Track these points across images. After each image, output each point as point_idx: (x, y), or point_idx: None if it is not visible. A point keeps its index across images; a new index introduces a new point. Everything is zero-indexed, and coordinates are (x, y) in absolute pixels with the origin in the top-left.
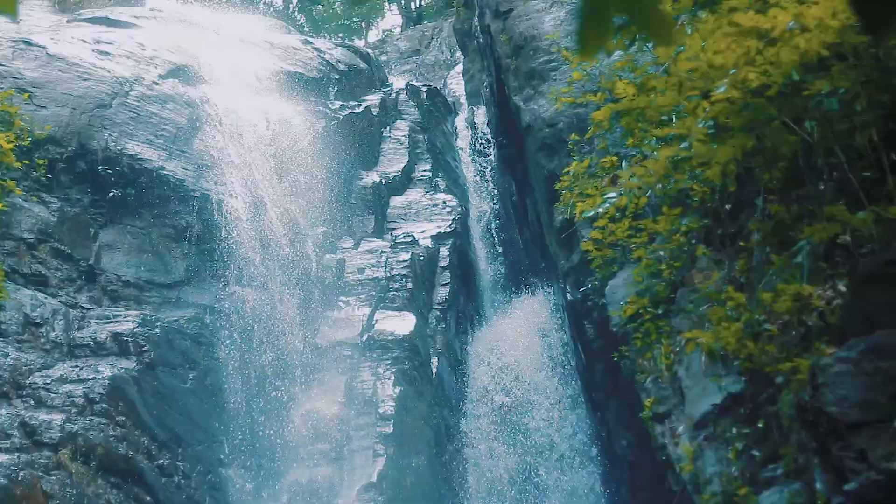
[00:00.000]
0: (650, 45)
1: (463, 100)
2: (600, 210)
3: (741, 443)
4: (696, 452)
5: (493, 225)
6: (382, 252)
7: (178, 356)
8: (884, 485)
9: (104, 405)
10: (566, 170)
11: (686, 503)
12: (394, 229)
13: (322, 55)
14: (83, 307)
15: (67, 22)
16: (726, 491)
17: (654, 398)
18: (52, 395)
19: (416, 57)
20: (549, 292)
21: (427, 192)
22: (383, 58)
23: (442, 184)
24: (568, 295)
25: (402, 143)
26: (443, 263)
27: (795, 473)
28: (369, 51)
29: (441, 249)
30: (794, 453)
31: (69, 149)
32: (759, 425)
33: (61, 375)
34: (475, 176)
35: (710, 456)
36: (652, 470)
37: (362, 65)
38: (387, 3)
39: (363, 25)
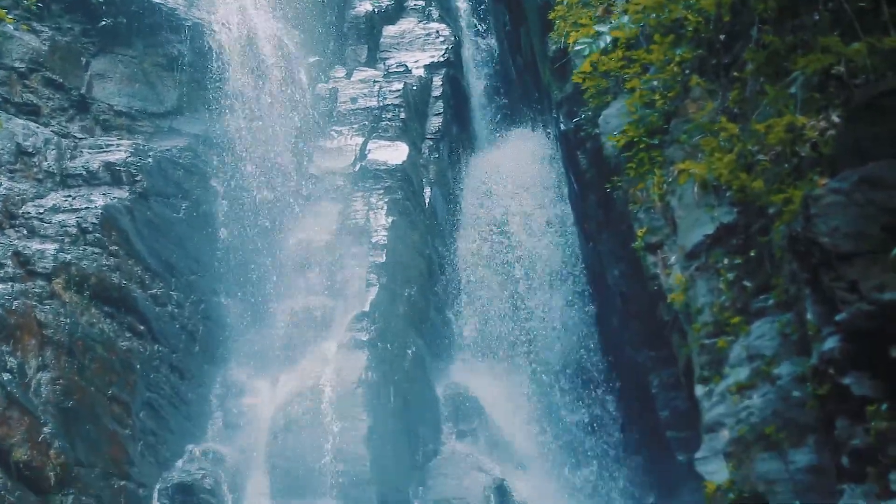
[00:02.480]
0: None
1: None
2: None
3: (733, 273)
4: (688, 282)
5: (486, 55)
6: (375, 81)
7: (171, 186)
8: (875, 315)
9: (97, 235)
10: None
11: (677, 332)
12: (386, 59)
13: None
14: (75, 137)
15: None
16: (717, 320)
17: (646, 228)
18: (45, 224)
19: None
20: (543, 123)
21: (420, 22)
22: None
23: (435, 13)
24: (561, 125)
25: None
26: (436, 93)
27: (786, 304)
28: None
29: (434, 79)
30: (785, 284)
31: None
32: (751, 255)
33: (54, 205)
34: (468, 5)
35: (702, 286)
36: (644, 300)
37: None
38: None
39: None
